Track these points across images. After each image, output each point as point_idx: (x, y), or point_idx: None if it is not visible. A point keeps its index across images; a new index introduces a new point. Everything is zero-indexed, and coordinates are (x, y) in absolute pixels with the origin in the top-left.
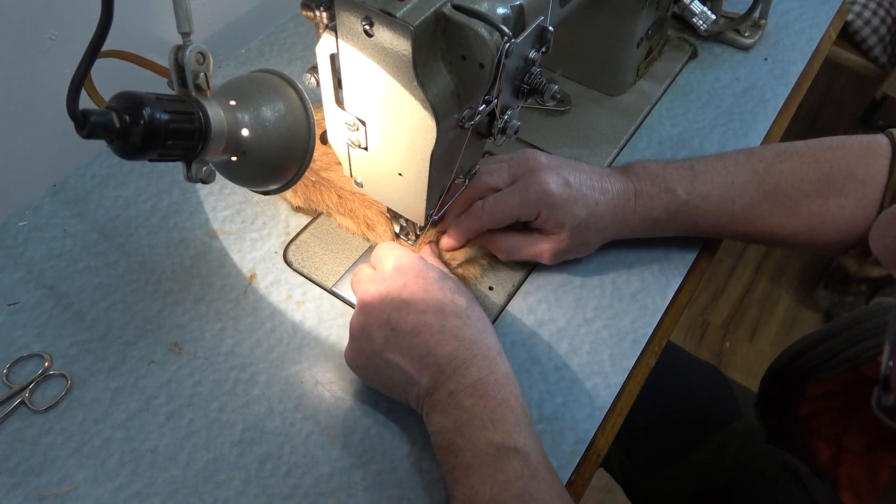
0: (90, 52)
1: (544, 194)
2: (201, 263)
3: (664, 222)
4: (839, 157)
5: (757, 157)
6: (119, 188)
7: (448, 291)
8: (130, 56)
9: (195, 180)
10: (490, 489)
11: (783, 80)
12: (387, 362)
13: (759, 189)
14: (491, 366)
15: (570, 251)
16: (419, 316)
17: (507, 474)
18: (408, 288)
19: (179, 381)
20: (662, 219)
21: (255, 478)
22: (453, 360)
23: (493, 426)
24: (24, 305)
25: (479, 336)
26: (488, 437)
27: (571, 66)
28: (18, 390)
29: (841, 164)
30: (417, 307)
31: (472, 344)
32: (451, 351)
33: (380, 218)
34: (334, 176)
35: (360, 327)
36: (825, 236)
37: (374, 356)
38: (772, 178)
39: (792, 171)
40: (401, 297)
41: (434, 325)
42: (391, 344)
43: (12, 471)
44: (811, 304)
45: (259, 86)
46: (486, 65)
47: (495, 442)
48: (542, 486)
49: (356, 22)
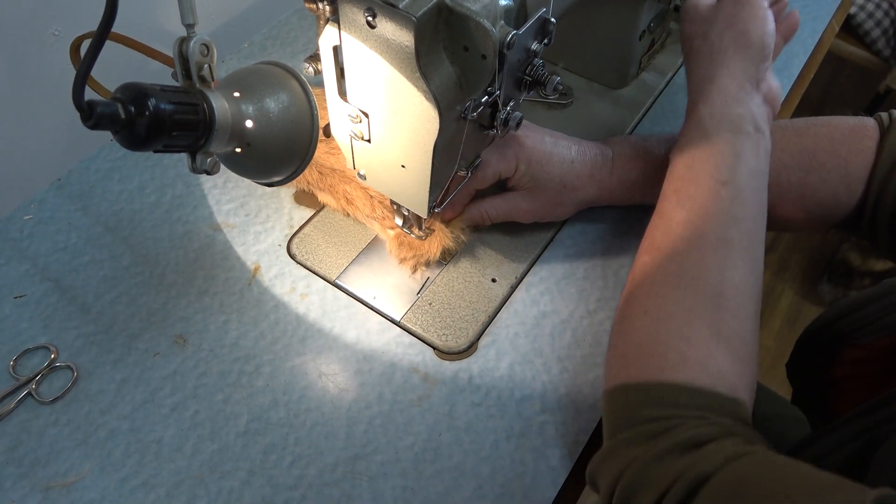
0: (95, 44)
1: (521, 148)
2: (205, 256)
3: (643, 185)
4: (823, 135)
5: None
6: (123, 182)
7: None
8: (134, 43)
9: (200, 171)
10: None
11: (786, 72)
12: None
13: None
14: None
15: (546, 210)
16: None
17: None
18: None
19: (184, 372)
20: (641, 181)
21: (260, 468)
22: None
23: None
24: (30, 298)
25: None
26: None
27: (574, 58)
28: (25, 382)
29: (824, 142)
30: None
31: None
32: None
33: (358, 192)
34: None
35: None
36: (807, 210)
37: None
38: None
39: (773, 142)
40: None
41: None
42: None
43: (19, 461)
44: (815, 298)
45: (263, 77)
46: (489, 56)
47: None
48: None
49: (359, 13)
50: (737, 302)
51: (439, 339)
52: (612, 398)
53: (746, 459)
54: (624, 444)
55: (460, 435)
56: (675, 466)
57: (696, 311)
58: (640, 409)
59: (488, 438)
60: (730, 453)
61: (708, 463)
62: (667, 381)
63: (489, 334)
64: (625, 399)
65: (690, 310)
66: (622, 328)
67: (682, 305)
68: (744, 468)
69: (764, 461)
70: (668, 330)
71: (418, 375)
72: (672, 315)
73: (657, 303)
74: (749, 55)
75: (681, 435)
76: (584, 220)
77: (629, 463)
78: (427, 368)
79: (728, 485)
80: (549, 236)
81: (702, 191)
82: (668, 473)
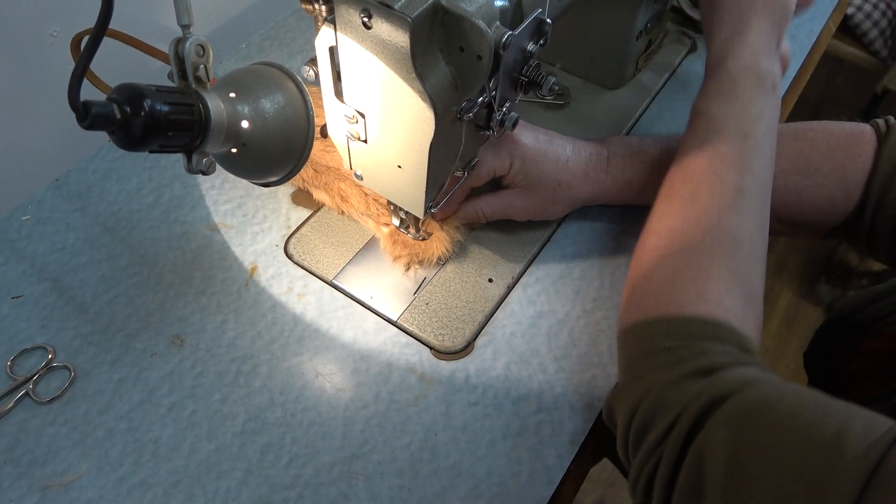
0: (91, 43)
1: (516, 145)
2: (203, 257)
3: (638, 185)
4: (820, 139)
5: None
6: (121, 182)
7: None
8: (133, 40)
9: (195, 172)
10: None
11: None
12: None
13: None
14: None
15: (541, 208)
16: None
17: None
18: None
19: (181, 372)
20: (636, 180)
21: (257, 468)
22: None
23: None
24: (28, 298)
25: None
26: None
27: (571, 59)
28: (22, 382)
29: (821, 146)
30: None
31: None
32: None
33: (353, 190)
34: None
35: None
36: (804, 214)
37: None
38: None
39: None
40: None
41: None
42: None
43: (17, 461)
44: (813, 298)
45: (258, 78)
46: (484, 56)
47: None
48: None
49: (355, 14)
50: (750, 249)
51: (436, 339)
52: (630, 333)
53: (762, 385)
54: (642, 375)
55: (457, 434)
56: (691, 390)
57: (715, 252)
58: (659, 341)
59: (485, 438)
60: (746, 378)
61: (724, 386)
62: (685, 315)
63: (486, 334)
64: (643, 332)
65: (709, 252)
66: (641, 268)
67: (701, 246)
68: (759, 392)
69: (779, 386)
70: (688, 267)
71: (415, 375)
72: (692, 254)
73: (678, 243)
74: (776, 14)
75: (698, 362)
76: (581, 220)
77: (647, 391)
78: (424, 368)
79: (743, 406)
80: (545, 236)
81: (725, 142)
82: (684, 396)
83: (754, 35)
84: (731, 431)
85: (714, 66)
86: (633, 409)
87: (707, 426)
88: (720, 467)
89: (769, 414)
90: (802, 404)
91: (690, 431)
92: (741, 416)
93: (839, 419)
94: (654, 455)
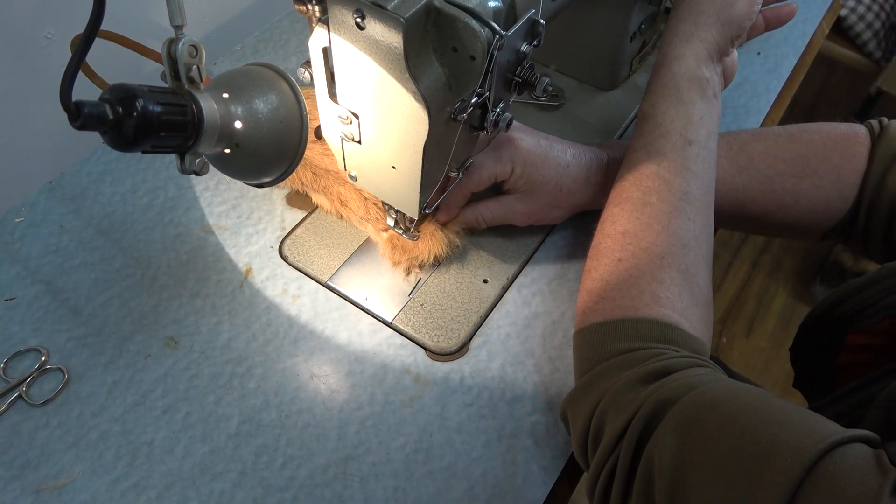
0: (83, 44)
1: (517, 150)
2: (197, 258)
3: None
4: (815, 140)
5: (732, 136)
6: (115, 184)
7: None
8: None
9: (188, 172)
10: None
11: (776, 74)
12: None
13: (733, 163)
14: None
15: (542, 213)
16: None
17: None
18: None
19: (176, 374)
20: None
21: (252, 470)
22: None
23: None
24: (21, 301)
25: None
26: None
27: (565, 60)
28: (16, 384)
29: (817, 148)
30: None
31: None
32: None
33: (353, 194)
34: (309, 154)
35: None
36: (801, 216)
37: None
38: (745, 154)
39: (766, 149)
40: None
41: None
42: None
43: (10, 464)
44: (808, 299)
45: (252, 78)
46: (478, 57)
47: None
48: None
49: (348, 15)
50: (697, 251)
51: (431, 340)
52: (586, 335)
53: (713, 386)
54: (598, 378)
55: (452, 435)
56: (644, 392)
57: (667, 256)
58: (614, 343)
59: (479, 439)
60: (696, 380)
61: (676, 388)
62: (641, 317)
63: (481, 335)
64: (599, 335)
65: (661, 256)
66: (596, 272)
67: (654, 250)
68: (705, 397)
69: (725, 389)
70: (642, 272)
71: (410, 376)
72: (645, 258)
73: (631, 247)
74: (726, 28)
75: (652, 364)
76: (576, 221)
77: (603, 393)
78: (419, 369)
79: (689, 410)
80: (540, 238)
81: (671, 147)
82: (637, 398)
83: (700, 43)
84: (676, 437)
85: (660, 66)
86: (591, 412)
87: (657, 432)
88: (666, 474)
89: (710, 419)
90: (741, 409)
91: (641, 437)
92: (686, 421)
93: (772, 427)
94: (610, 460)
